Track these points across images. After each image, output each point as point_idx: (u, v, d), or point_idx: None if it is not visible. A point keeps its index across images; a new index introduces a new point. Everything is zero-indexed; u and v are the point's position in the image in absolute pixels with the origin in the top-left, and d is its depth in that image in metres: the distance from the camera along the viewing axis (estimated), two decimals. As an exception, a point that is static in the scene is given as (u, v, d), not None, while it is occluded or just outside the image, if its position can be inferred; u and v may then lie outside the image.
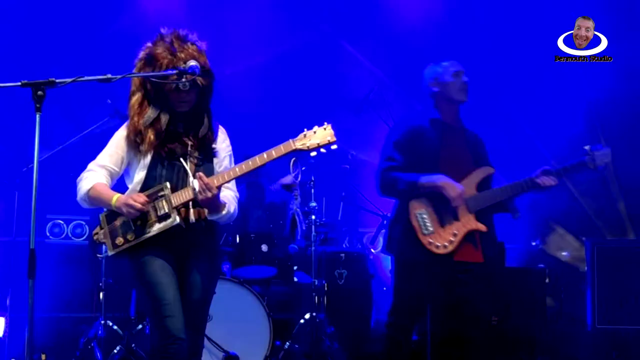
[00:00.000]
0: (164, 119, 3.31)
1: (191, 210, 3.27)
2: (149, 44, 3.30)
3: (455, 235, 3.99)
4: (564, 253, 7.53)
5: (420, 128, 4.12)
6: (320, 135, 3.22)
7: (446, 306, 4.10)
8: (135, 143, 3.31)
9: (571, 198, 7.41)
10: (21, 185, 5.32)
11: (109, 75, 3.10)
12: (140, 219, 3.23)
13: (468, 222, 4.01)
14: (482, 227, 4.01)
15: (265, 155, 3.22)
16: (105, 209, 3.35)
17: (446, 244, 3.98)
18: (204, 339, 3.44)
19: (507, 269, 5.74)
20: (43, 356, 5.30)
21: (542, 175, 4.01)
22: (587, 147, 4.02)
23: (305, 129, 3.24)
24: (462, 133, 4.21)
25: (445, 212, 4.01)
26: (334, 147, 3.25)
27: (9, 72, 6.20)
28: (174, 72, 3.17)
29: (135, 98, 3.33)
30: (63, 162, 5.97)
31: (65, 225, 6.39)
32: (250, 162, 3.23)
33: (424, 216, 4.02)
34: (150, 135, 3.29)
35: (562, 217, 7.47)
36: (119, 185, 3.43)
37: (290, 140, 3.23)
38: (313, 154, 3.23)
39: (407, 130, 4.12)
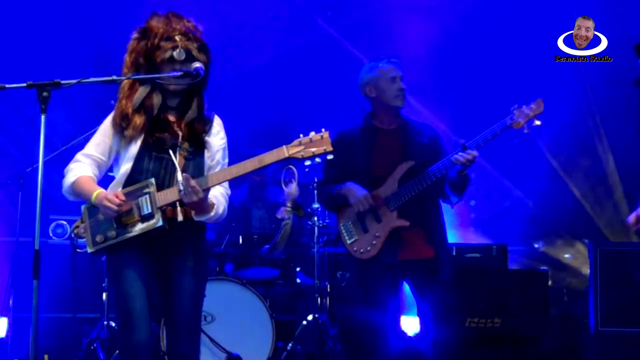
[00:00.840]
0: (157, 99, 3.16)
1: (178, 209, 3.10)
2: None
3: (377, 237, 3.95)
4: (566, 255, 7.53)
5: (350, 139, 4.05)
6: (316, 143, 3.02)
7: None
8: (120, 128, 3.14)
9: (574, 200, 7.41)
10: (25, 186, 5.31)
11: (114, 77, 3.11)
12: (123, 216, 3.06)
13: (388, 222, 3.95)
14: (404, 223, 3.93)
15: (257, 161, 3.04)
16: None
17: (369, 248, 3.95)
18: (199, 341, 3.29)
19: (510, 271, 5.73)
20: (46, 357, 5.30)
21: (459, 152, 3.82)
22: (514, 108, 3.83)
23: (301, 135, 3.05)
24: (396, 135, 4.07)
25: (367, 217, 3.98)
26: (330, 157, 3.07)
27: (15, 73, 6.21)
28: (179, 73, 3.08)
29: (126, 80, 3.18)
30: (67, 163, 5.95)
31: (68, 226, 6.36)
32: (241, 166, 3.07)
33: (349, 225, 4.02)
34: (137, 119, 3.12)
35: (564, 220, 7.47)
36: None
37: (284, 147, 3.03)
38: (307, 162, 3.05)
39: (335, 144, 4.03)
